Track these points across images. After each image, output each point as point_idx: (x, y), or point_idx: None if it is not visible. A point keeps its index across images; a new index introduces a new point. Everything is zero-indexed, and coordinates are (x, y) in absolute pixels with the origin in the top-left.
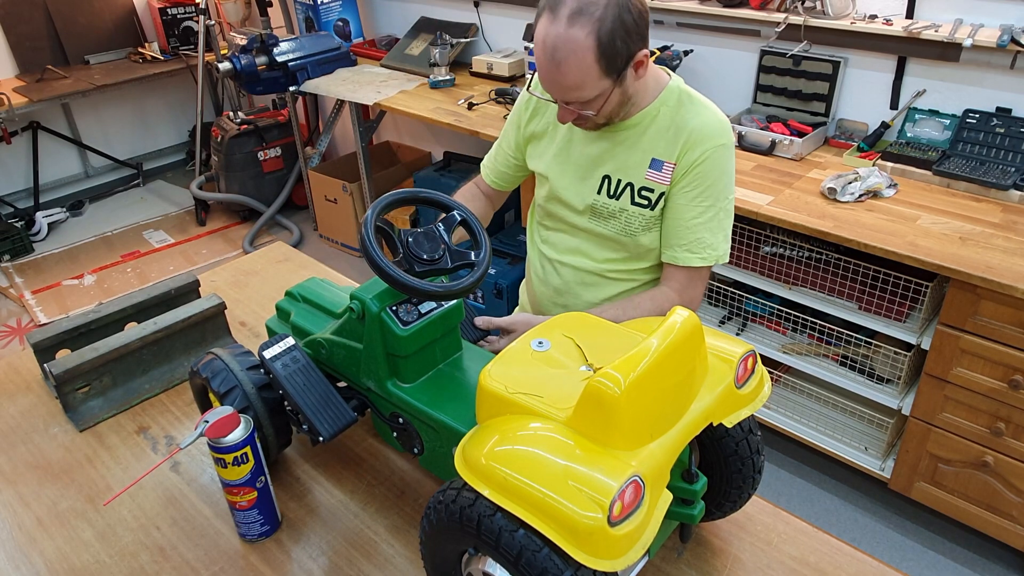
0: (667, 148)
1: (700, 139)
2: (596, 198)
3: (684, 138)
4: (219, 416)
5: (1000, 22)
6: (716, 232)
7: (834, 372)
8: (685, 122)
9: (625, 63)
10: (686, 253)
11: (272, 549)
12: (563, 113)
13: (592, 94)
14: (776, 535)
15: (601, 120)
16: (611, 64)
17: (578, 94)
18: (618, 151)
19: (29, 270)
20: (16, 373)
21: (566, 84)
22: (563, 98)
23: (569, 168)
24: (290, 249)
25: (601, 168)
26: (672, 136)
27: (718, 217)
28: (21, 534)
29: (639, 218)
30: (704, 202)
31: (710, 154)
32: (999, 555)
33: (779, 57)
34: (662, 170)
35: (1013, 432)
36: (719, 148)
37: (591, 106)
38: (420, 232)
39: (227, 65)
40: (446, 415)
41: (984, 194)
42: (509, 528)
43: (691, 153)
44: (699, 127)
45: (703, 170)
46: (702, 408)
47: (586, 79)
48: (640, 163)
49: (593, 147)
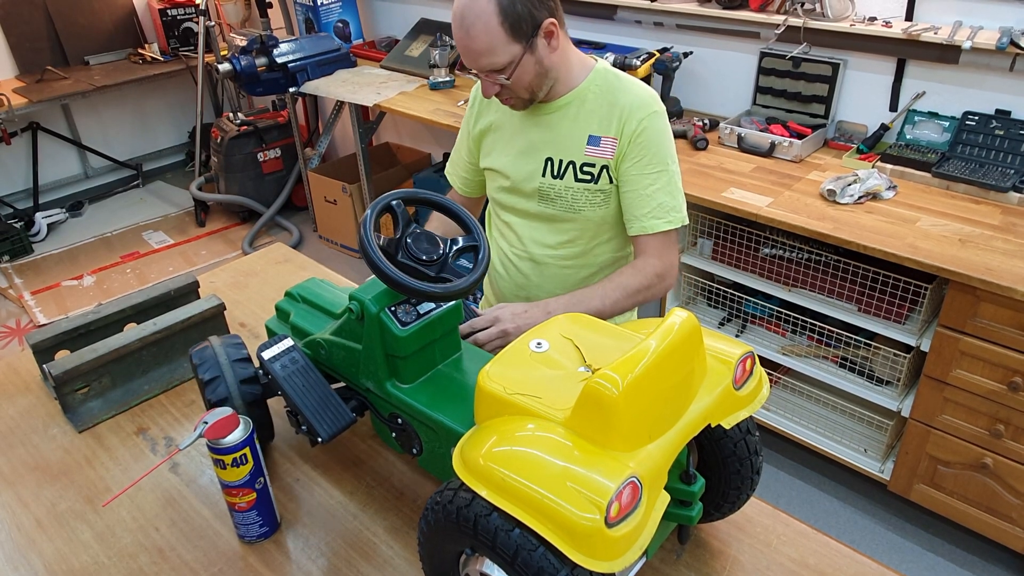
0: (602, 124)
1: (634, 110)
2: (542, 180)
3: (618, 113)
4: (218, 417)
5: (999, 24)
6: (674, 195)
7: (833, 374)
8: (616, 99)
9: (532, 29)
10: (653, 220)
11: (271, 550)
12: (486, 86)
13: (503, 59)
14: (775, 537)
15: (524, 94)
16: (516, 28)
17: (490, 60)
18: (555, 133)
19: (28, 271)
20: (15, 374)
21: (477, 49)
22: (478, 66)
23: (514, 156)
24: (289, 250)
25: (542, 151)
26: (605, 112)
27: (672, 181)
28: (20, 535)
29: (584, 193)
30: (655, 168)
31: (647, 122)
32: (998, 557)
33: (778, 59)
34: (600, 144)
35: (1012, 434)
36: (653, 115)
37: (506, 73)
38: (418, 233)
39: (227, 66)
40: (445, 416)
41: (983, 196)
42: (505, 528)
43: (629, 125)
44: (631, 100)
45: (645, 138)
46: (700, 409)
47: (494, 42)
48: (578, 141)
49: (532, 132)
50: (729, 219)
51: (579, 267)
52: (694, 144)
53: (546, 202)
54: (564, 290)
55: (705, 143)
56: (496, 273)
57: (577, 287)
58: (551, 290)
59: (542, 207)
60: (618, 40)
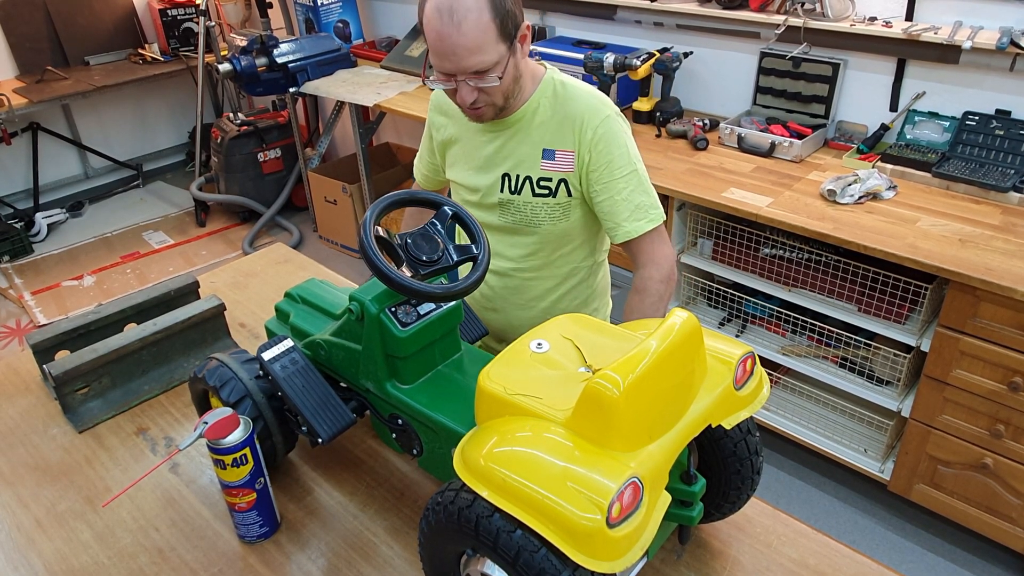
0: (555, 137)
1: (586, 120)
2: (501, 195)
3: (571, 125)
4: (218, 417)
5: (999, 24)
6: (648, 193)
7: (833, 374)
8: (566, 110)
9: (515, 30)
10: (635, 223)
11: (271, 551)
12: (464, 91)
13: (492, 58)
14: (775, 537)
15: (500, 100)
16: (504, 26)
17: (479, 59)
18: (510, 147)
19: (29, 271)
20: (15, 374)
21: (467, 45)
22: (464, 66)
23: (474, 171)
24: (290, 250)
25: (499, 167)
26: (558, 125)
27: (642, 180)
28: (20, 535)
29: (544, 208)
30: (623, 172)
31: (602, 128)
32: (999, 557)
33: (779, 59)
34: (555, 158)
35: (1012, 434)
36: (606, 120)
37: (496, 72)
38: (418, 233)
39: (227, 66)
40: (445, 416)
41: (983, 196)
42: (507, 529)
43: (584, 135)
44: (581, 110)
45: (604, 144)
46: (701, 409)
47: (485, 39)
48: (533, 156)
49: (488, 147)
50: (729, 219)
51: (543, 278)
52: (694, 144)
53: (506, 216)
54: (527, 302)
55: (705, 143)
56: None
57: (540, 299)
58: (516, 302)
59: (503, 221)
60: (618, 40)
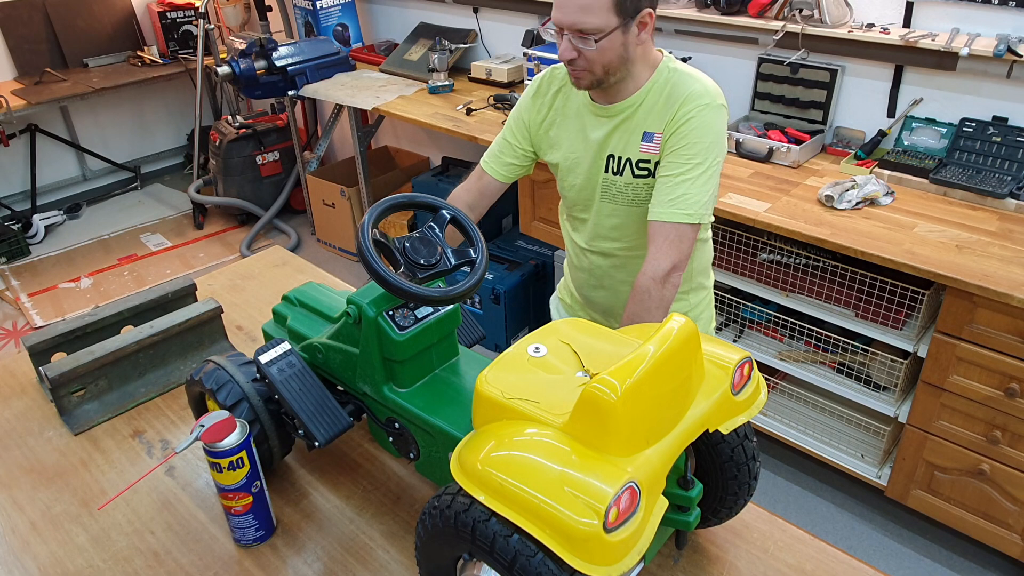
0: (657, 121)
1: (686, 102)
2: (604, 176)
3: (669, 108)
4: (215, 421)
5: (997, 31)
6: (702, 191)
7: (831, 379)
8: (673, 95)
9: (635, 11)
10: (667, 208)
11: (267, 554)
12: (566, 47)
13: (598, 23)
14: (772, 542)
15: (598, 70)
16: (622, 1)
17: (585, 18)
18: (618, 132)
19: (25, 273)
20: (11, 376)
21: (579, 2)
22: (570, 20)
23: (578, 153)
24: (287, 253)
25: (605, 150)
26: (662, 109)
27: (704, 176)
28: (15, 538)
29: (644, 188)
30: (691, 159)
31: (695, 113)
32: (995, 563)
33: (777, 65)
34: (653, 141)
35: (1009, 440)
36: (704, 107)
37: (594, 36)
38: (416, 237)
39: (226, 69)
40: (442, 420)
41: (980, 202)
42: (503, 533)
43: (675, 117)
44: (685, 94)
45: (687, 128)
46: (698, 415)
47: (597, 2)
48: (636, 139)
49: (598, 131)
50: (727, 224)
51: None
52: None
53: (608, 197)
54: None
55: None
56: (572, 264)
57: None
58: (621, 278)
59: (605, 202)
60: None
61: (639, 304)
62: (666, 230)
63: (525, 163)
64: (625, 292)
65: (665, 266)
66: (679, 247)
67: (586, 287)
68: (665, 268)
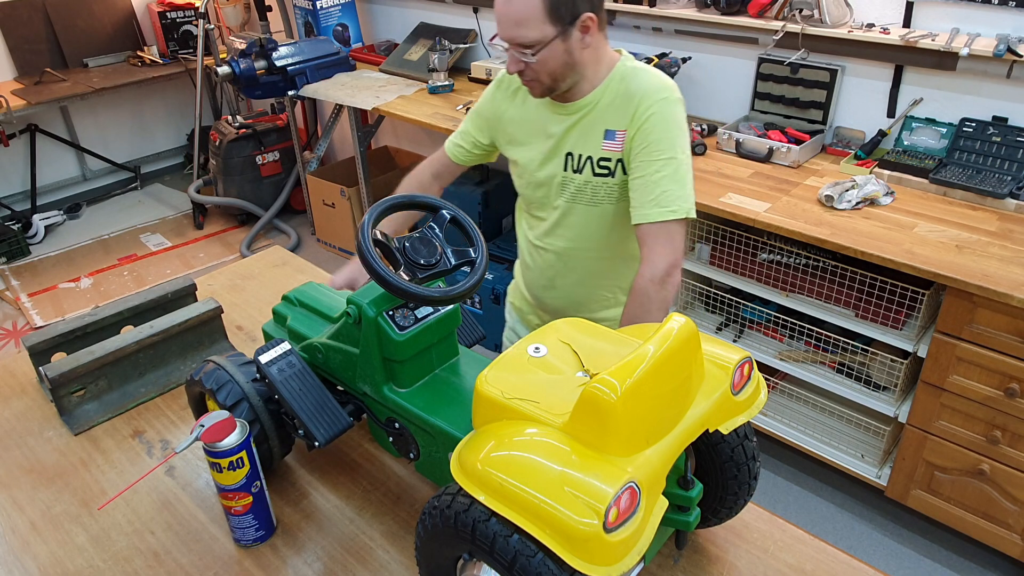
0: (617, 118)
1: (644, 98)
2: (564, 175)
3: (630, 104)
4: (215, 421)
5: (997, 31)
6: (681, 184)
7: (831, 379)
8: (630, 91)
9: (570, 17)
10: (655, 208)
11: (267, 554)
12: (511, 61)
13: (533, 36)
14: (772, 542)
15: (546, 79)
16: (556, 10)
17: (521, 32)
18: (576, 129)
19: (26, 273)
20: (11, 376)
21: (512, 16)
22: (507, 35)
23: (537, 151)
24: (288, 253)
25: (564, 147)
26: (620, 106)
27: (680, 170)
28: (15, 538)
29: (603, 187)
30: (662, 155)
31: (657, 108)
32: (995, 563)
33: (777, 65)
34: (615, 139)
35: (1009, 440)
36: (663, 101)
37: (532, 49)
38: (416, 237)
39: (226, 69)
40: (442, 420)
41: (980, 202)
42: (503, 533)
43: (638, 113)
44: (642, 89)
45: (652, 124)
46: (698, 415)
47: (530, 16)
48: (596, 137)
49: (555, 127)
50: (727, 224)
51: (601, 258)
52: (692, 149)
53: (567, 195)
54: (585, 279)
55: (703, 148)
56: (524, 263)
57: (598, 276)
58: (574, 279)
59: (563, 200)
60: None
61: (639, 306)
62: (655, 231)
63: (481, 153)
64: (577, 295)
65: (662, 267)
66: (672, 245)
67: (537, 287)
68: (662, 269)
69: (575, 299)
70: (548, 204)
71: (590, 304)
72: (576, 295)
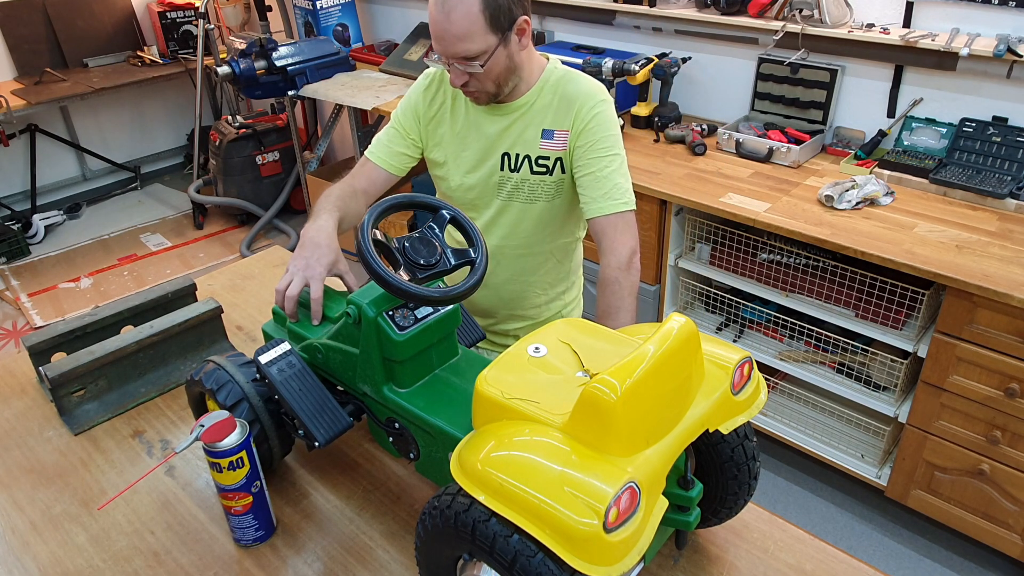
0: (555, 118)
1: (586, 100)
2: (500, 174)
3: (570, 106)
4: (215, 421)
5: (997, 32)
6: (627, 179)
7: (831, 379)
8: (568, 93)
9: (509, 24)
10: (610, 201)
11: (267, 554)
12: (455, 74)
13: (478, 47)
14: (772, 542)
15: (491, 87)
16: (496, 19)
17: (466, 46)
18: (512, 129)
19: (25, 273)
20: (11, 376)
21: (455, 33)
22: (452, 51)
23: (470, 152)
24: (287, 253)
25: (499, 147)
26: (558, 107)
27: (623, 166)
28: (15, 538)
29: (540, 185)
30: (609, 151)
31: (599, 109)
32: (995, 563)
33: (777, 65)
34: (554, 138)
35: (1009, 440)
36: (603, 102)
37: (480, 60)
38: (416, 237)
39: (226, 69)
40: (442, 420)
41: (980, 203)
42: (504, 534)
43: (581, 114)
44: (583, 92)
45: (597, 123)
46: (698, 414)
47: (473, 29)
48: (533, 137)
49: (490, 128)
50: (727, 224)
51: (533, 254)
52: (692, 149)
53: (503, 194)
54: (516, 275)
55: (703, 148)
56: None
57: (529, 272)
58: (505, 276)
59: (499, 200)
60: (617, 45)
61: (612, 295)
62: (613, 221)
63: (416, 153)
64: (507, 291)
65: (626, 253)
66: (630, 233)
67: None
68: (627, 256)
69: (505, 297)
70: (481, 204)
71: (521, 302)
72: (505, 292)
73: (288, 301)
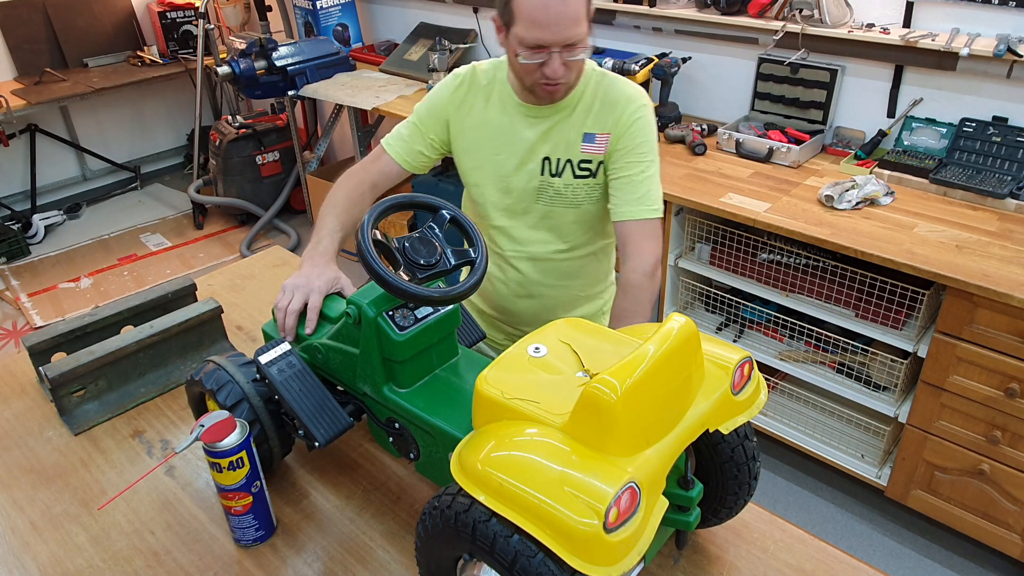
0: (597, 122)
1: (628, 104)
2: (541, 179)
3: (612, 109)
4: (215, 421)
5: (997, 32)
6: (659, 186)
7: (831, 379)
8: (610, 96)
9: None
10: (642, 207)
11: (267, 554)
12: (556, 64)
13: (583, 31)
14: (772, 542)
15: (574, 78)
16: (590, 6)
17: (578, 31)
18: (552, 133)
19: (25, 273)
20: (11, 376)
21: (571, 16)
22: (565, 35)
23: (505, 156)
24: (287, 253)
25: (539, 152)
26: (599, 110)
27: (657, 173)
28: (15, 538)
29: (584, 188)
30: (644, 157)
31: (641, 114)
32: (995, 563)
33: (777, 65)
34: (595, 142)
35: (1009, 440)
36: (644, 107)
37: (582, 46)
38: (416, 237)
39: (226, 69)
40: (442, 420)
41: (980, 202)
42: (504, 534)
43: (623, 118)
44: (626, 95)
45: (637, 128)
46: (698, 414)
47: (581, 13)
48: (575, 140)
49: (529, 132)
50: (727, 224)
51: (576, 258)
52: (692, 149)
53: (545, 199)
54: (561, 282)
55: (703, 148)
56: (492, 276)
57: (573, 277)
58: (551, 284)
59: (540, 205)
60: (617, 45)
61: (633, 300)
62: (642, 227)
63: (434, 154)
64: (551, 298)
65: (651, 261)
66: (656, 241)
67: (508, 299)
68: (651, 263)
69: (550, 304)
70: (520, 210)
71: (565, 305)
72: (552, 299)
73: (290, 315)
